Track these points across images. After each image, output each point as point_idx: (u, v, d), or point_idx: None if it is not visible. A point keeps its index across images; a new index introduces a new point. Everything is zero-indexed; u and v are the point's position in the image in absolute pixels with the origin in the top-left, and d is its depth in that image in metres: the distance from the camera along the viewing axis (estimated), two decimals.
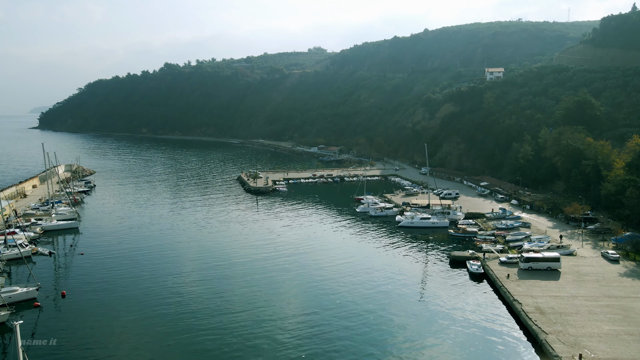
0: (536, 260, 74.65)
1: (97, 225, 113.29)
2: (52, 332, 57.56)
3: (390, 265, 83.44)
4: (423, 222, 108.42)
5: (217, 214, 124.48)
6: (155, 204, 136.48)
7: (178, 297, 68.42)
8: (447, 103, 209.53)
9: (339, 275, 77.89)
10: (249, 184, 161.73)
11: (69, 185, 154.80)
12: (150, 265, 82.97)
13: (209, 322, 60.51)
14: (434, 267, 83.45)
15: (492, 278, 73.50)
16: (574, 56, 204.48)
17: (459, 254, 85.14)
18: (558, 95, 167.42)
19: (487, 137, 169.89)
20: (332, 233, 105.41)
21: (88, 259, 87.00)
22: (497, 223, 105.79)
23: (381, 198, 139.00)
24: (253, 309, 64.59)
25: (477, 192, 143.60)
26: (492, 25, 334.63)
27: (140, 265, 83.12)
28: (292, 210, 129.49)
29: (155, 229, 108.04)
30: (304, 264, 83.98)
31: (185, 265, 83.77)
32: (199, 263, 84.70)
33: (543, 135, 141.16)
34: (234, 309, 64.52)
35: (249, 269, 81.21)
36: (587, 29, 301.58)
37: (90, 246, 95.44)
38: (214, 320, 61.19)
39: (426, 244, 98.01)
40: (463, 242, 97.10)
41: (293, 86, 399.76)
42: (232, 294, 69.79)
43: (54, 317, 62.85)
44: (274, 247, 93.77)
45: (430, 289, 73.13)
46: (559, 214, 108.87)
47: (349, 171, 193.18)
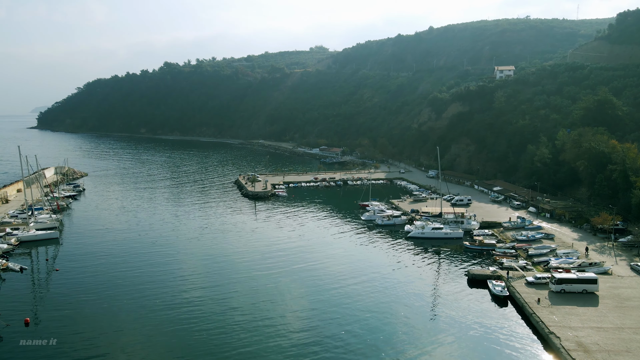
0: (570, 282, 65.32)
1: (80, 235, 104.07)
2: None
3: (401, 284, 74.23)
4: (435, 232, 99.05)
5: (212, 223, 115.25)
6: (146, 211, 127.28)
7: (170, 326, 59.19)
8: (454, 103, 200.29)
9: (344, 297, 68.66)
10: (247, 188, 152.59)
11: (56, 189, 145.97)
12: (135, 285, 73.69)
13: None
14: (450, 286, 74.12)
15: (519, 302, 64.15)
16: (589, 53, 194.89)
17: (478, 271, 75.78)
18: (574, 94, 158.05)
19: (498, 139, 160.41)
20: (335, 246, 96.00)
21: (64, 276, 77.77)
22: (516, 234, 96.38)
23: (388, 204, 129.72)
24: (250, 344, 55.48)
25: (490, 197, 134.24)
26: (499, 23, 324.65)
27: (124, 284, 73.70)
28: (292, 217, 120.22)
29: (144, 241, 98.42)
30: (304, 282, 74.80)
31: (174, 286, 74.40)
32: (189, 283, 75.23)
33: (561, 137, 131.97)
34: (230, 344, 55.44)
35: (243, 291, 72.01)
36: (597, 26, 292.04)
37: (69, 260, 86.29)
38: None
39: (439, 257, 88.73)
40: (480, 255, 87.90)
41: (294, 85, 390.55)
42: (225, 324, 60.60)
43: (9, 352, 53.58)
44: (272, 263, 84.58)
45: (447, 313, 63.78)
46: (584, 224, 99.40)
47: (352, 174, 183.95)
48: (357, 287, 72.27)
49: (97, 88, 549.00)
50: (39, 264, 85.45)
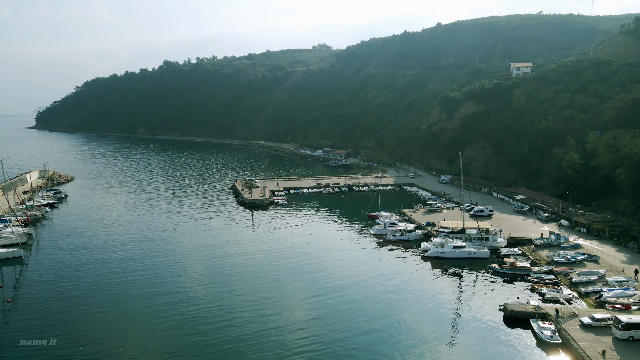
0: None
1: (50, 253, 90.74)
2: None
3: (423, 322, 60.85)
4: (456, 252, 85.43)
5: (201, 237, 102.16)
6: (130, 224, 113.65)
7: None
8: (468, 102, 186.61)
9: (358, 350, 55.35)
10: (243, 195, 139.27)
11: (35, 196, 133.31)
12: (100, 323, 60.71)
13: None
14: (483, 324, 60.61)
15: (578, 355, 50.61)
16: (613, 48, 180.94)
17: (518, 307, 62.11)
18: (601, 92, 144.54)
19: (519, 141, 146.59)
20: (340, 270, 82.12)
21: (15, 311, 64.69)
22: (552, 254, 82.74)
23: (399, 215, 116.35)
24: None
25: (513, 207, 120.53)
26: (511, 18, 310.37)
27: (88, 322, 60.83)
28: (291, 231, 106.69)
29: (119, 264, 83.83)
30: (308, 330, 61.60)
31: (145, 332, 61.29)
32: (166, 326, 62.14)
33: (592, 139, 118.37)
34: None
35: (235, 335, 58.87)
36: (615, 21, 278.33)
37: (29, 286, 73.39)
38: None
39: (464, 284, 75.28)
40: (512, 281, 74.44)
41: (296, 84, 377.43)
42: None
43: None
44: (267, 305, 71.39)
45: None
46: (629, 242, 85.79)
47: (357, 179, 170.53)
48: (368, 338, 58.15)
49: (95, 87, 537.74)
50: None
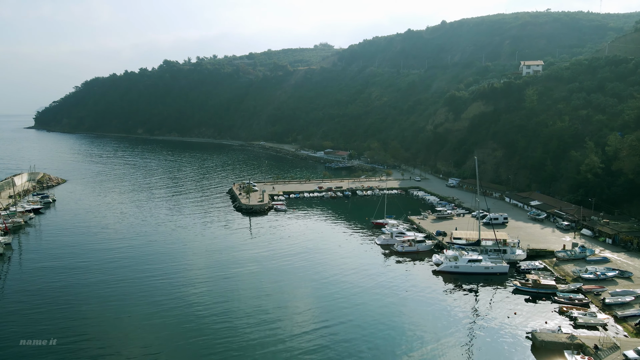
0: None
1: (26, 268, 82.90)
2: None
3: (441, 353, 53.09)
4: (472, 266, 77.63)
5: (193, 248, 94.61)
6: (118, 232, 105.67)
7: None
8: (476, 101, 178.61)
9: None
10: (240, 200, 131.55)
11: (19, 201, 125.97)
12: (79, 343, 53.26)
13: None
14: (510, 355, 52.86)
15: None
16: (629, 45, 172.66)
17: (548, 336, 54.17)
18: (620, 91, 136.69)
19: (532, 143, 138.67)
20: (344, 286, 74.62)
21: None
22: (578, 270, 74.88)
23: (406, 222, 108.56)
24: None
25: (528, 215, 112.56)
26: (519, 16, 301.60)
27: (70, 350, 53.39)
28: (290, 241, 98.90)
29: (99, 281, 76.07)
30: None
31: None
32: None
33: (613, 142, 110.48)
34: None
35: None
36: (626, 19, 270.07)
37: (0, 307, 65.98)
38: None
39: (481, 303, 67.43)
40: (535, 300, 66.61)
41: (297, 84, 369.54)
42: None
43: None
44: (265, 328, 63.73)
45: None
46: None
47: (361, 182, 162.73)
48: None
49: (94, 87, 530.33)
50: None
